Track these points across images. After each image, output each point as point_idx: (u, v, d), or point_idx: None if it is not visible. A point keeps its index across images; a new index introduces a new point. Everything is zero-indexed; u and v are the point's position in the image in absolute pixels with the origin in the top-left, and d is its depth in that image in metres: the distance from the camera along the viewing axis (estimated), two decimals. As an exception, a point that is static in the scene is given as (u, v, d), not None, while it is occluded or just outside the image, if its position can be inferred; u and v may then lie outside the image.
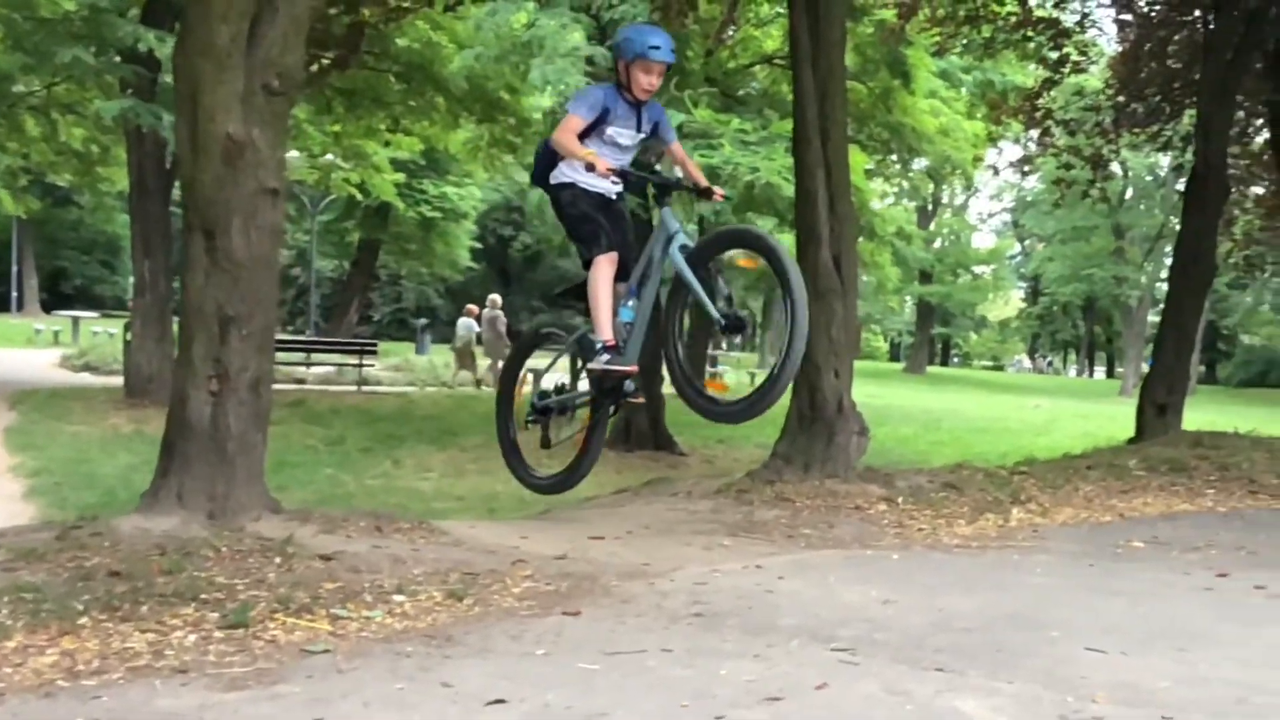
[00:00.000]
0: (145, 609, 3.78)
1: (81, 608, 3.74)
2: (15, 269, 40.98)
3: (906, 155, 17.04)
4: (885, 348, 71.62)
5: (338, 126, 19.38)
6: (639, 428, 14.42)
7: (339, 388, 20.28)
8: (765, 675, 3.22)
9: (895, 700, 3.02)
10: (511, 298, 29.63)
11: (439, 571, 4.52)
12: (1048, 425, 20.17)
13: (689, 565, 4.91)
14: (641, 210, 10.97)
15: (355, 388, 20.16)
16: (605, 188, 5.22)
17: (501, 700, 2.99)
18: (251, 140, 5.00)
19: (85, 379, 19.10)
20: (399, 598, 4.14)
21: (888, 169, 21.92)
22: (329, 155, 22.23)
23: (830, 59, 7.64)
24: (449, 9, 14.20)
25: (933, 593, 4.48)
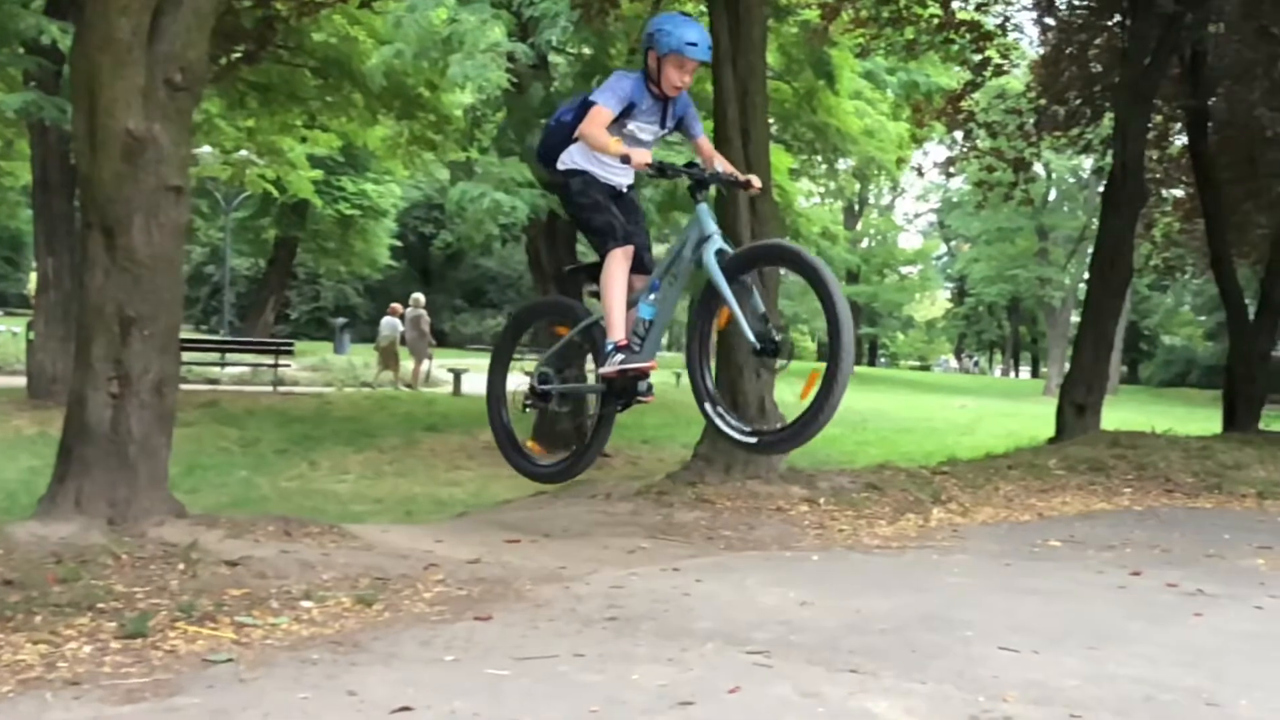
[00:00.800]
0: (39, 619, 3.69)
1: (-29, 618, 3.64)
2: (-87, 266, 39.82)
3: (831, 155, 17.23)
4: (813, 348, 72.28)
5: (251, 122, 19.10)
6: (562, 428, 14.38)
7: (254, 388, 20.00)
8: (678, 679, 3.23)
9: (807, 703, 3.04)
10: (433, 296, 29.40)
11: (349, 577, 4.47)
12: (973, 425, 20.50)
13: (605, 568, 4.91)
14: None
15: (271, 388, 19.89)
16: (618, 179, 5.08)
17: (407, 708, 2.96)
18: (153, 136, 4.90)
19: (-14, 380, 18.62)
20: (307, 604, 4.09)
21: (813, 169, 22.13)
22: (243, 151, 21.90)
23: (750, 59, 7.69)
24: (365, 4, 14.06)
25: (850, 594, 4.53)
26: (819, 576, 4.93)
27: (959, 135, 16.45)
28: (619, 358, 4.93)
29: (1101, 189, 13.92)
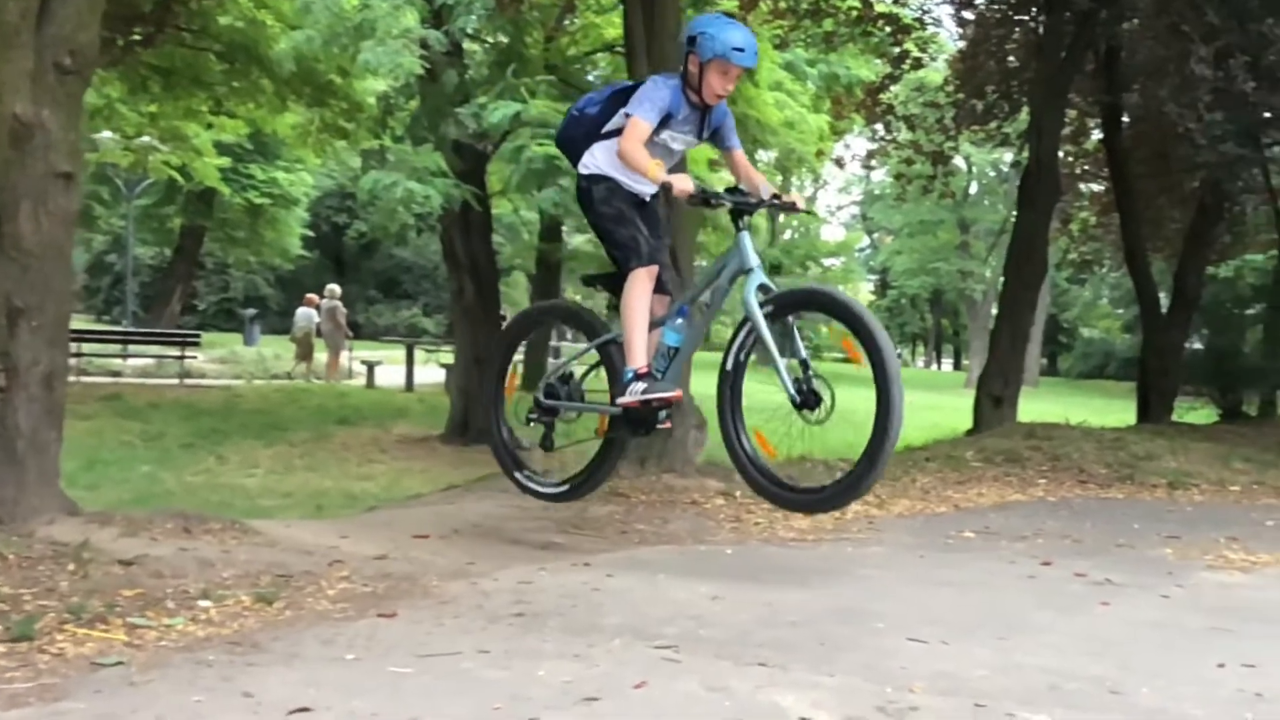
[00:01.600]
0: (-82, 623, 3.58)
1: None
2: None
3: (751, 147, 17.30)
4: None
5: (154, 107, 18.72)
6: (477, 420, 14.32)
7: (159, 381, 19.67)
8: (584, 675, 3.23)
9: (714, 697, 3.06)
10: (347, 287, 29.08)
11: (249, 574, 4.40)
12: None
13: (515, 564, 4.89)
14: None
15: (177, 381, 19.56)
16: (643, 187, 4.89)
17: (305, 709, 2.92)
18: (41, 121, 4.77)
19: None
20: (204, 603, 4.01)
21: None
22: (145, 137, 21.44)
23: (664, 49, 7.70)
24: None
25: (763, 587, 4.56)
26: (732, 570, 4.96)
27: (879, 128, 16.67)
28: (640, 386, 4.74)
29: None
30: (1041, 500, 7.77)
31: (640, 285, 4.78)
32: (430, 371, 22.04)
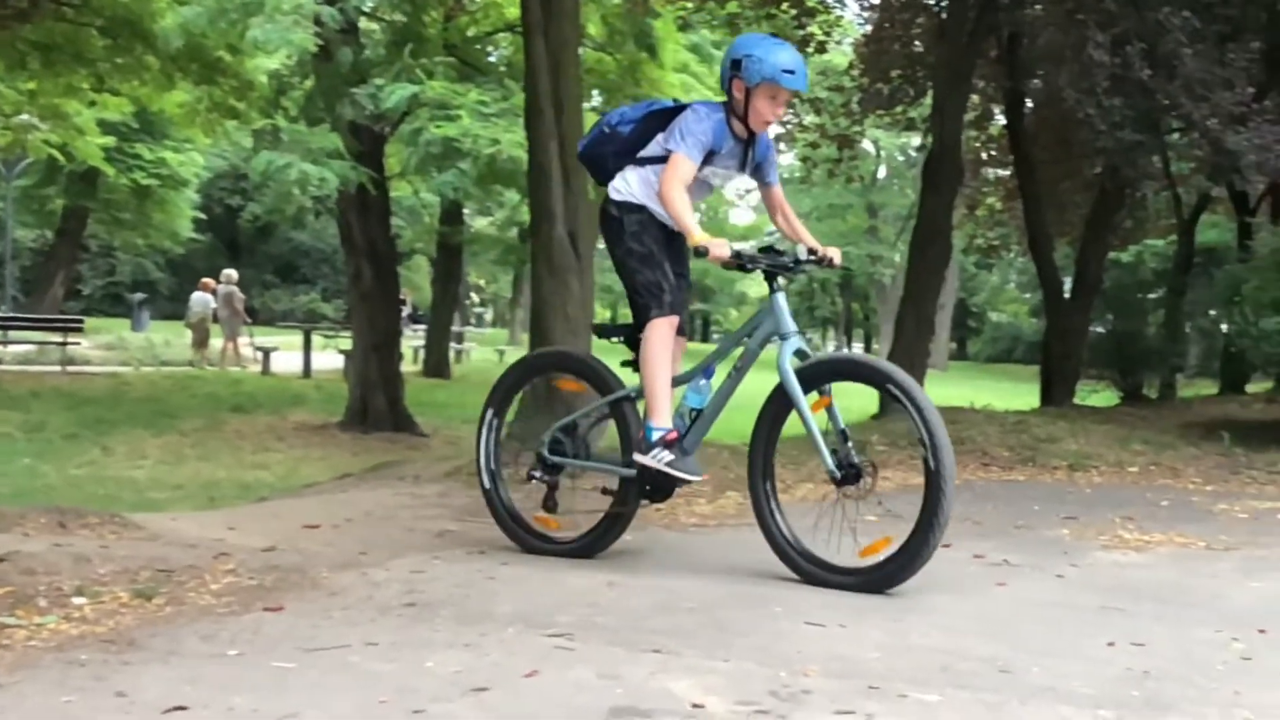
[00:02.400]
0: None
1: None
2: None
3: (657, 130, 17.34)
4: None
5: (33, 84, 18.16)
6: (376, 407, 14.21)
7: (41, 368, 19.18)
8: (474, 665, 3.21)
9: (606, 684, 3.07)
10: (242, 271, 28.47)
11: (128, 570, 4.30)
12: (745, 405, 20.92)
13: (409, 553, 4.85)
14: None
15: (59, 368, 19.03)
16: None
17: (182, 707, 2.86)
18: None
19: None
20: (79, 600, 3.91)
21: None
22: (24, 115, 20.81)
23: (563, 29, 7.68)
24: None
25: (661, 573, 4.58)
26: (631, 556, 4.97)
27: (790, 113, 16.81)
28: (666, 456, 4.48)
29: (923, 167, 14.37)
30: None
31: (660, 336, 4.54)
32: (329, 358, 21.78)
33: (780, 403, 4.54)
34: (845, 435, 4.39)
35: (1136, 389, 14.92)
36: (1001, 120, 16.34)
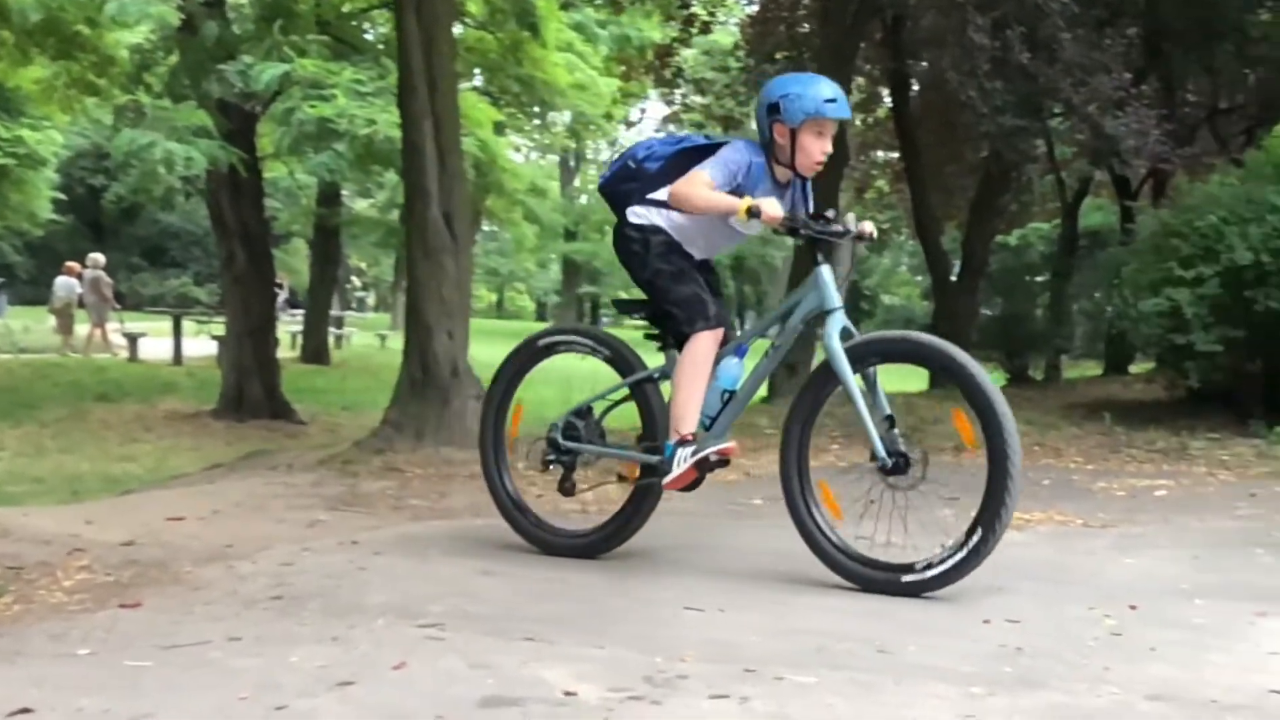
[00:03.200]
0: None
1: None
2: None
3: (539, 109, 17.25)
4: (532, 307, 72.76)
5: (-127, 58, 17.31)
6: (251, 394, 13.92)
7: (-116, 359, 18.37)
8: (341, 659, 3.16)
9: (477, 674, 3.04)
10: (108, 254, 27.60)
11: (-26, 568, 4.15)
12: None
13: (278, 545, 4.76)
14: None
15: (-94, 358, 18.30)
16: (699, 255, 4.46)
17: (27, 710, 2.76)
18: None
19: None
20: (-81, 602, 3.77)
21: (523, 124, 22.16)
22: None
23: (435, 5, 7.60)
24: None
25: (538, 561, 4.57)
26: (507, 545, 4.93)
27: (677, 92, 16.87)
28: (687, 452, 4.28)
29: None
30: (831, 466, 7.98)
31: (704, 349, 4.31)
32: (202, 344, 21.25)
33: (823, 383, 4.36)
34: (891, 420, 4.21)
35: (1023, 370, 15.28)
36: (889, 103, 16.59)
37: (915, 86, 15.32)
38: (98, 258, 23.79)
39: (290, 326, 25.08)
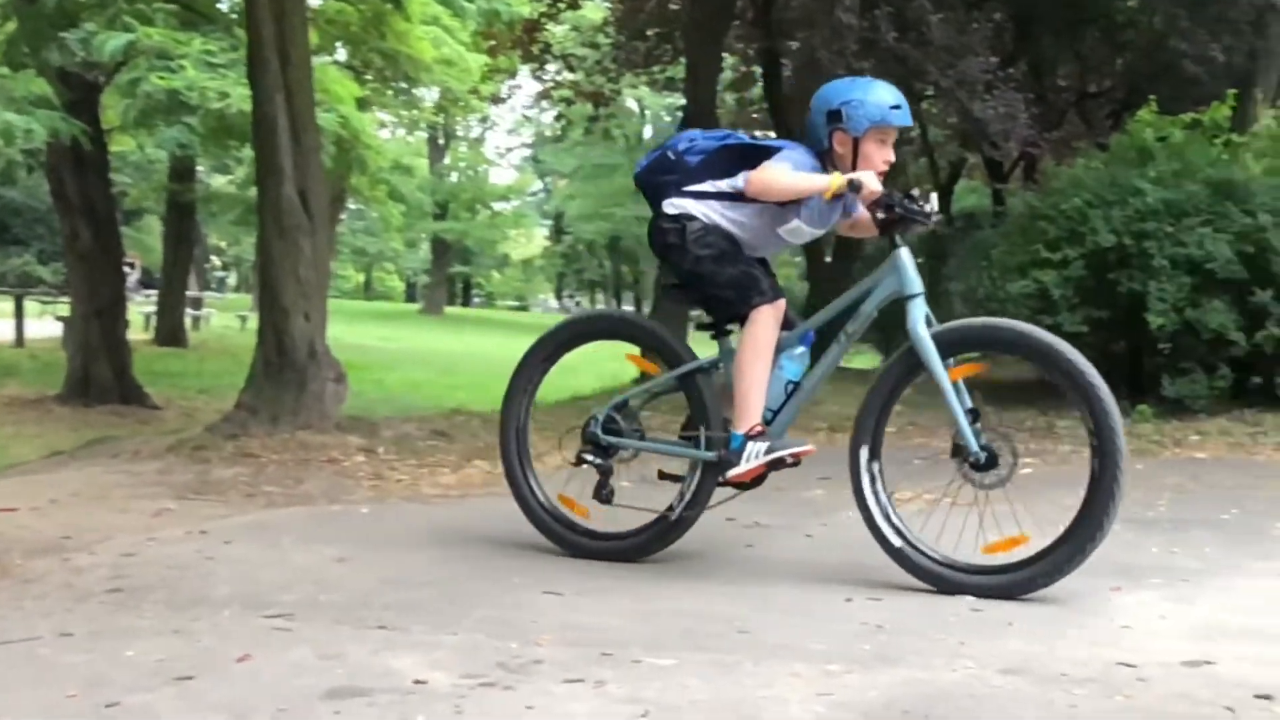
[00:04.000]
0: None
1: None
2: None
3: (403, 84, 16.99)
4: (401, 288, 71.98)
5: None
6: (100, 378, 13.48)
7: None
8: (181, 653, 3.08)
9: (326, 664, 2.99)
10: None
11: None
12: (575, 366, 20.99)
13: (119, 535, 4.61)
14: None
15: None
16: (759, 249, 4.26)
17: None
18: None
19: None
20: None
21: (388, 99, 21.80)
22: None
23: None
24: None
25: (396, 548, 4.51)
26: (365, 531, 4.87)
27: (549, 68, 16.77)
28: (761, 447, 4.07)
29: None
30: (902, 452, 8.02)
31: (765, 328, 4.08)
32: (47, 325, 20.54)
33: (904, 371, 4.20)
34: (975, 414, 4.04)
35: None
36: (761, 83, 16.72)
37: (787, 66, 15.46)
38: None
39: (143, 308, 24.36)
